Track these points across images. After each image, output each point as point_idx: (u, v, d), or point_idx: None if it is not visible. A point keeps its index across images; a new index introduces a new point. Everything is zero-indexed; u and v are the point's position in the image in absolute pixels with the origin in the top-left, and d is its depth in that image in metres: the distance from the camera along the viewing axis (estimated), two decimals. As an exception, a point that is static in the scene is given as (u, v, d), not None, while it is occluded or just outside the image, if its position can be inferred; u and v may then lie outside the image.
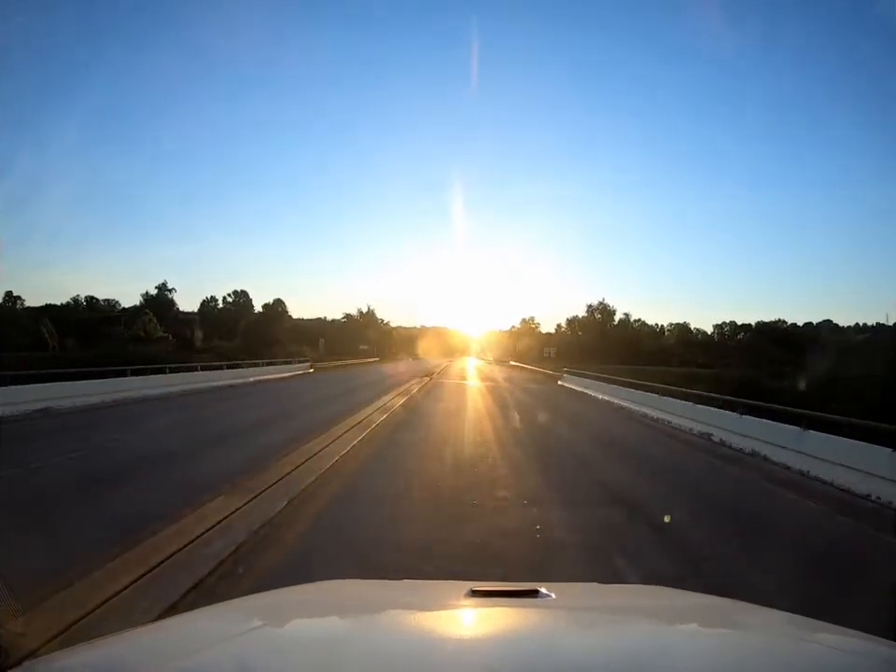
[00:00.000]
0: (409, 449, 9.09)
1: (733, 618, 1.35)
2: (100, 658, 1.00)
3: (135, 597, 3.35)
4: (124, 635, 1.16)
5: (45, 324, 43.94)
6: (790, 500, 7.04)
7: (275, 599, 1.47)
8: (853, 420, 8.16)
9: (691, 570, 4.32)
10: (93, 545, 4.12)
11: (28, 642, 1.22)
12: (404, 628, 1.20)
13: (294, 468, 7.03)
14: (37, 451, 7.92)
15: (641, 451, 10.11)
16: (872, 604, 3.46)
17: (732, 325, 68.76)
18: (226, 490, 5.83)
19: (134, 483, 6.28)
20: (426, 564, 4.13)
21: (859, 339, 40.77)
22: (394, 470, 7.44)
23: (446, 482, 6.86)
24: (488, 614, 1.23)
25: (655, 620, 1.33)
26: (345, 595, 1.54)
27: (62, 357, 29.46)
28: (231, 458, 7.68)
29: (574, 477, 7.53)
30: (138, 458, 7.53)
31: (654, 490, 7.00)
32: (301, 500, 5.75)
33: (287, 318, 64.76)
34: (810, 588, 3.81)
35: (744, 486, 7.87)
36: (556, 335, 73.06)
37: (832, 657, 1.05)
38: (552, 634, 1.14)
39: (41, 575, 3.39)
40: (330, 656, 0.99)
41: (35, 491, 5.88)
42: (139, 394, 14.78)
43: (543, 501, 6.03)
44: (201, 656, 0.98)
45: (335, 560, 4.14)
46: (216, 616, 1.33)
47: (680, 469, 8.73)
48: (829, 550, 5.18)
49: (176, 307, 59.82)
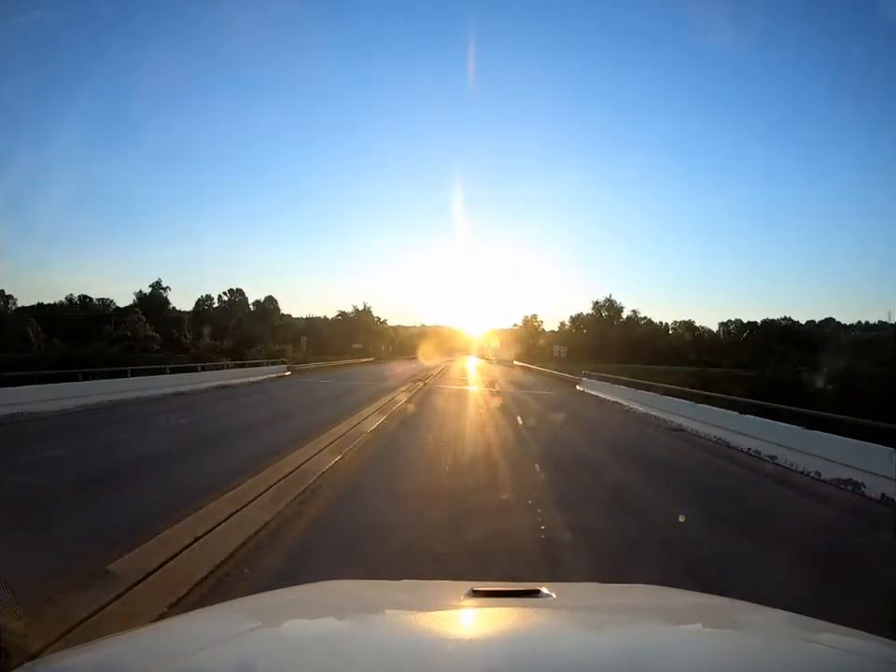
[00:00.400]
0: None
1: (733, 617, 1.36)
2: (100, 659, 1.01)
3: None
4: (124, 636, 1.17)
5: (30, 324, 43.44)
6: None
7: (275, 600, 1.48)
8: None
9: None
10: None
11: (30, 644, 1.23)
12: (404, 628, 1.20)
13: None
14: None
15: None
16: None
17: (738, 323, 68.56)
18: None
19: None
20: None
21: (868, 336, 40.29)
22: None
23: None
24: (489, 614, 1.23)
25: (656, 619, 1.34)
26: (345, 595, 1.55)
27: (43, 358, 29.02)
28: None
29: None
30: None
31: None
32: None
33: (279, 316, 64.19)
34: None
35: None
36: (560, 333, 71.69)
37: (832, 657, 1.05)
38: (553, 634, 1.14)
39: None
40: (330, 656, 0.99)
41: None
42: (46, 407, 11.87)
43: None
44: (201, 657, 0.99)
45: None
46: (216, 617, 1.34)
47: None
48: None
49: (170, 306, 59.66)
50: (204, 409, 14.14)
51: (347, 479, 6.95)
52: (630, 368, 34.39)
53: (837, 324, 61.17)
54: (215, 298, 66.83)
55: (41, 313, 48.86)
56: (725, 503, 6.92)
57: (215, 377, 20.20)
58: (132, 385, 15.67)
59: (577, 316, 74.87)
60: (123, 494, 6.01)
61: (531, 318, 77.47)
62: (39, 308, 50.72)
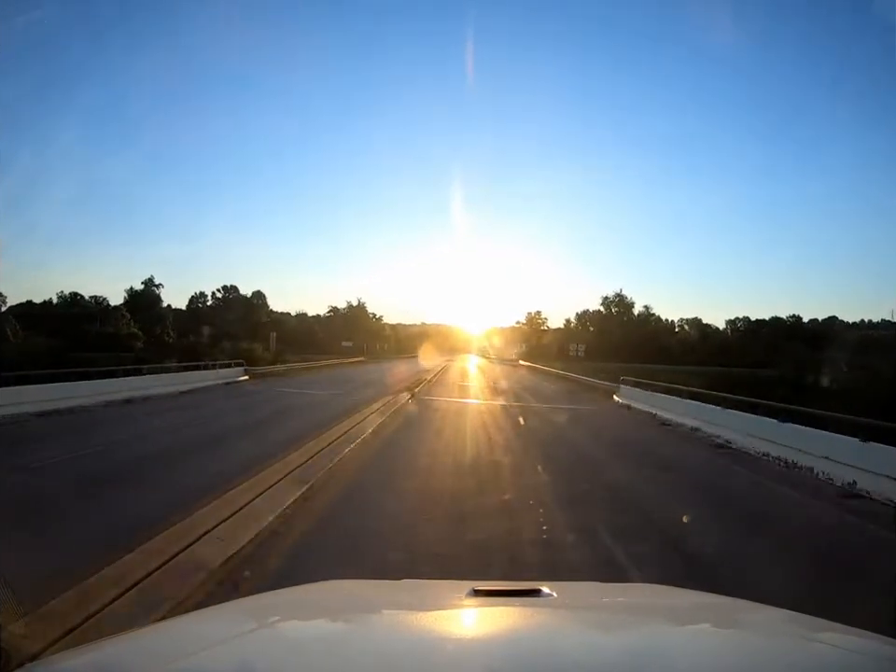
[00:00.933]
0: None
1: (734, 617, 1.36)
2: (100, 660, 1.02)
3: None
4: (124, 636, 1.18)
5: (9, 321, 42.53)
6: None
7: (275, 600, 1.49)
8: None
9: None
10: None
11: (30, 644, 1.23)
12: (405, 628, 1.21)
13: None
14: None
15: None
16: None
17: (745, 320, 67.91)
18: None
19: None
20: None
21: (877, 335, 39.78)
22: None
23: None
24: (490, 614, 1.24)
25: (657, 619, 1.34)
26: (345, 594, 1.55)
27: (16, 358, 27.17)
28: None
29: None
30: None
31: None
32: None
33: (266, 312, 62.77)
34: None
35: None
36: (566, 331, 69.35)
37: (834, 656, 1.06)
38: (553, 633, 1.15)
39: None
40: (330, 656, 1.00)
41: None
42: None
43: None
44: (201, 657, 0.99)
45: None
46: (216, 617, 1.35)
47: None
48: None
49: (163, 303, 59.04)
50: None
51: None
52: (649, 368, 31.70)
53: (842, 322, 60.58)
54: (209, 295, 65.61)
55: (31, 311, 48.20)
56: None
57: (133, 385, 16.19)
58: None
59: (583, 313, 72.11)
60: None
61: (535, 315, 74.45)
62: (28, 306, 50.05)
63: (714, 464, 9.87)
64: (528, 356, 54.77)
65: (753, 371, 28.84)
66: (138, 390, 15.92)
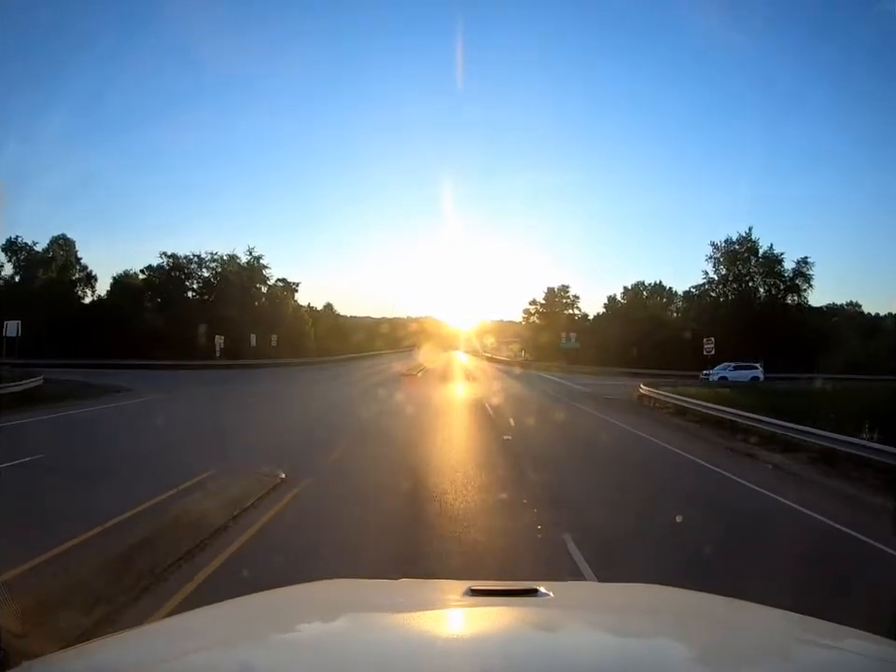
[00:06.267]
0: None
1: (731, 617, 1.38)
2: (99, 659, 1.05)
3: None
4: (122, 635, 1.21)
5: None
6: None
7: (273, 599, 1.51)
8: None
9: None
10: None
11: (29, 644, 1.25)
12: (403, 628, 1.23)
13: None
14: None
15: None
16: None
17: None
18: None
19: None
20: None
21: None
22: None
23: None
24: (487, 613, 1.26)
25: (654, 619, 1.37)
26: (345, 594, 1.58)
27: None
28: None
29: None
30: None
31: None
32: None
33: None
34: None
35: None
36: (603, 319, 50.23)
37: (830, 656, 1.08)
38: (550, 633, 1.18)
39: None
40: (329, 655, 1.03)
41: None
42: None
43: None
44: (200, 657, 1.02)
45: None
46: (215, 616, 1.38)
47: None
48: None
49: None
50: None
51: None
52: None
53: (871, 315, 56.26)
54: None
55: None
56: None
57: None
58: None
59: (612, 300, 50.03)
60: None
61: (559, 291, 52.42)
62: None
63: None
64: (536, 355, 45.56)
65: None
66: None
